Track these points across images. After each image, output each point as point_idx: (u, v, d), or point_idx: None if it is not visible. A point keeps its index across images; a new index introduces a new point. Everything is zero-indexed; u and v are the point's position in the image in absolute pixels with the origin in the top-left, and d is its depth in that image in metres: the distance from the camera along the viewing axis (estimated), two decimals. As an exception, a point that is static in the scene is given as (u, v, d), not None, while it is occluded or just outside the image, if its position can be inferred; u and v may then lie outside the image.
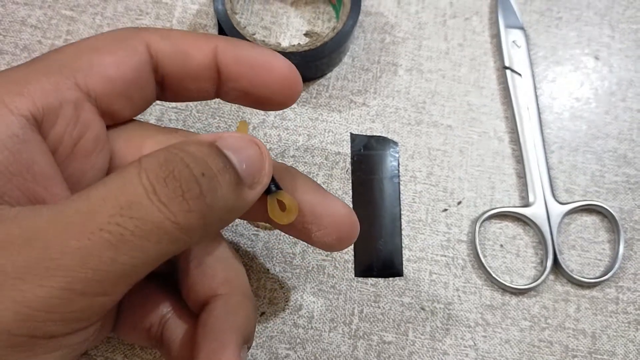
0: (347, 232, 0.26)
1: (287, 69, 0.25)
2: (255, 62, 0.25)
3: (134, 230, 0.19)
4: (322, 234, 0.25)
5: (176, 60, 0.25)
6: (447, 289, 0.34)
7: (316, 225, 0.25)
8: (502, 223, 0.35)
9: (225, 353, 0.22)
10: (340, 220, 0.25)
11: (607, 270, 0.35)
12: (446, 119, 0.37)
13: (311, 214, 0.25)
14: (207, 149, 0.21)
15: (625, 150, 0.37)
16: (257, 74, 0.25)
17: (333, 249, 0.27)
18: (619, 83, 0.39)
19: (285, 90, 0.25)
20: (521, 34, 0.38)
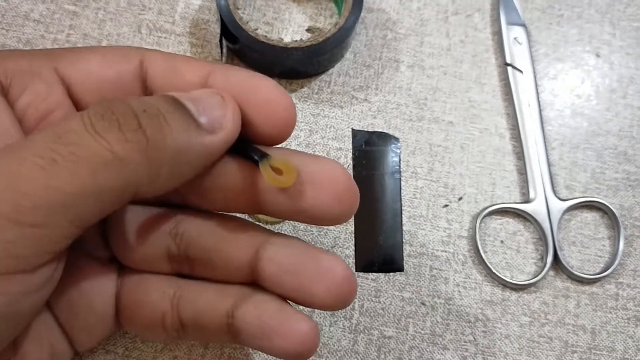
0: (345, 190, 0.23)
1: (276, 93, 0.23)
2: (243, 83, 0.23)
3: (66, 155, 0.18)
4: (318, 193, 0.22)
5: (166, 75, 0.24)
6: (448, 284, 0.34)
7: (310, 185, 0.22)
8: (502, 219, 0.35)
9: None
10: (336, 176, 0.22)
11: (607, 266, 0.35)
12: (447, 115, 0.37)
13: (304, 172, 0.22)
14: (159, 96, 0.21)
15: (625, 147, 0.37)
16: (243, 94, 0.23)
17: (333, 215, 0.23)
18: (620, 80, 0.39)
19: (274, 115, 0.23)
20: (523, 31, 0.38)
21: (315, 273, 0.23)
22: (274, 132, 0.23)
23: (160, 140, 0.20)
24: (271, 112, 0.23)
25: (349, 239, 0.34)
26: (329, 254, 0.23)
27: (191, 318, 0.24)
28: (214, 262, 0.24)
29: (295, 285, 0.23)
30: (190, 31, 0.37)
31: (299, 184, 0.22)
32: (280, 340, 0.23)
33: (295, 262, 0.23)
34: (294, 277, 0.23)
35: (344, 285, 0.23)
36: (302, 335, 0.23)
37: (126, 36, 0.37)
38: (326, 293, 0.23)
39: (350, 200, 0.23)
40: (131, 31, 0.37)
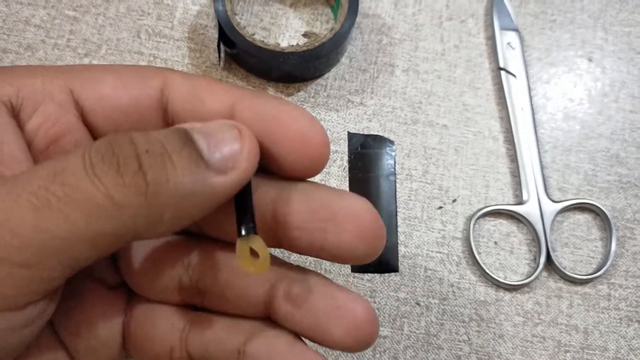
0: (370, 229, 0.21)
1: (309, 126, 0.21)
2: (273, 113, 0.21)
3: (61, 197, 0.17)
4: (341, 230, 0.21)
5: (189, 103, 0.23)
6: (442, 284, 0.34)
7: (332, 223, 0.21)
8: (496, 220, 0.36)
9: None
10: (361, 214, 0.21)
11: (599, 267, 0.35)
12: (442, 119, 0.38)
13: (325, 208, 0.21)
14: (168, 131, 0.19)
15: (617, 150, 0.38)
16: (272, 126, 0.21)
17: (357, 254, 0.21)
18: (612, 84, 0.39)
19: (306, 151, 0.21)
20: (516, 35, 0.39)
21: (333, 313, 0.21)
22: (304, 168, 0.21)
23: (162, 183, 0.18)
24: (303, 147, 0.21)
25: (344, 241, 0.35)
26: (349, 292, 0.22)
27: (200, 353, 0.23)
28: (226, 296, 0.23)
29: (311, 325, 0.22)
30: (188, 36, 0.38)
31: (319, 220, 0.21)
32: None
33: (312, 301, 0.22)
34: (311, 317, 0.22)
35: (363, 327, 0.21)
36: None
37: (125, 41, 0.37)
38: (344, 335, 0.21)
39: (376, 240, 0.21)
40: (130, 36, 0.37)
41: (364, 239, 0.21)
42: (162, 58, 0.37)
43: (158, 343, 0.24)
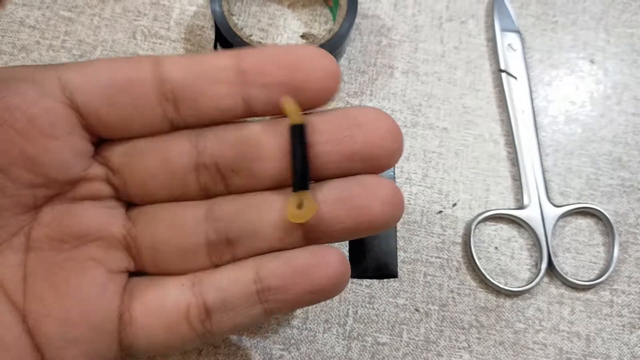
0: (391, 123, 0.23)
1: (316, 50, 0.23)
2: (281, 51, 0.23)
3: None
4: (367, 130, 0.23)
5: (187, 66, 0.23)
6: (442, 290, 0.34)
7: (357, 127, 0.23)
8: (497, 225, 0.35)
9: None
10: (378, 114, 0.23)
11: (601, 273, 0.35)
12: (442, 122, 0.37)
13: (347, 117, 0.23)
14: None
15: (620, 153, 0.37)
16: (286, 61, 0.23)
17: (387, 150, 0.23)
18: (614, 87, 0.39)
19: (318, 79, 0.23)
20: (517, 37, 0.38)
21: (365, 193, 0.23)
22: (324, 92, 0.23)
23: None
24: (320, 75, 0.23)
25: (343, 245, 0.34)
26: (372, 176, 0.24)
27: (218, 299, 0.24)
28: (260, 231, 0.24)
29: (349, 211, 0.23)
30: (185, 37, 0.37)
31: (347, 128, 0.23)
32: (319, 271, 0.23)
33: (340, 193, 0.24)
34: (346, 205, 0.23)
35: (396, 197, 0.23)
36: (336, 262, 0.23)
37: (121, 42, 0.37)
38: (380, 206, 0.23)
39: (399, 135, 0.24)
40: (126, 37, 0.37)
41: (390, 133, 0.23)
42: (158, 59, 0.37)
43: (171, 307, 0.24)
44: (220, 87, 0.23)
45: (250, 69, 0.23)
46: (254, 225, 0.24)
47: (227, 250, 0.24)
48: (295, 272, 0.23)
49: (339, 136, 0.23)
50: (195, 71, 0.23)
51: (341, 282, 0.24)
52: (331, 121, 0.24)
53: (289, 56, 0.23)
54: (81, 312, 0.23)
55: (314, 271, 0.23)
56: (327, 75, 0.23)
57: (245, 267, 0.24)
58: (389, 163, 0.24)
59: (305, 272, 0.23)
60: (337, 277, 0.23)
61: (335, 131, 0.23)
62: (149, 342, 0.24)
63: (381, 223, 0.24)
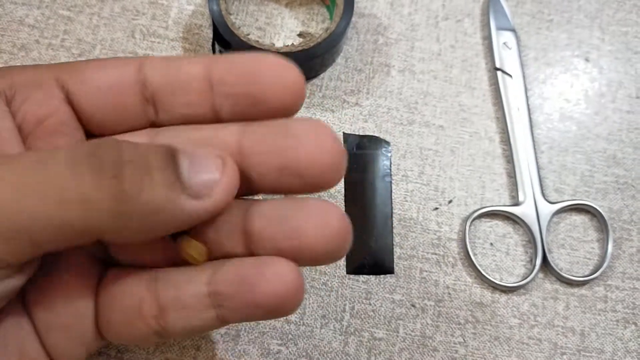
0: (331, 141, 0.22)
1: (282, 69, 0.23)
2: (247, 64, 0.23)
3: (41, 181, 0.19)
4: (306, 144, 0.22)
5: (165, 71, 0.24)
6: (438, 286, 0.34)
7: (295, 138, 0.22)
8: (492, 222, 0.36)
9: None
10: (320, 129, 0.22)
11: (595, 268, 0.35)
12: (438, 119, 0.37)
13: (290, 128, 0.22)
14: (157, 147, 0.20)
15: (614, 150, 0.38)
16: (248, 72, 0.23)
17: (324, 167, 0.22)
18: (609, 84, 0.39)
19: (282, 90, 0.23)
20: (512, 35, 0.39)
21: (305, 216, 0.22)
22: (284, 105, 0.23)
23: (135, 194, 0.19)
24: (279, 88, 0.23)
25: (340, 242, 0.34)
26: (317, 198, 0.22)
27: (170, 297, 0.23)
28: (205, 233, 0.23)
29: (286, 233, 0.22)
30: (183, 36, 0.38)
31: (288, 137, 0.22)
32: (260, 285, 0.21)
33: (284, 211, 0.22)
34: (284, 225, 0.22)
35: (338, 223, 0.22)
36: (287, 273, 0.21)
37: (120, 41, 0.37)
38: (319, 233, 0.21)
39: (335, 154, 0.22)
40: (125, 36, 0.37)
41: (326, 151, 0.22)
42: (157, 58, 0.37)
43: (126, 299, 0.24)
44: (191, 95, 0.24)
45: (218, 79, 0.23)
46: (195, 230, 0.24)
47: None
48: (240, 281, 0.22)
49: (276, 147, 0.22)
50: (171, 77, 0.24)
51: (290, 301, 0.22)
52: (271, 130, 0.23)
53: (248, 67, 0.23)
54: (64, 299, 0.24)
55: (258, 284, 0.21)
56: (287, 90, 0.23)
57: (204, 268, 0.23)
58: (327, 182, 0.23)
59: (249, 283, 0.22)
60: (282, 295, 0.21)
61: (275, 141, 0.22)
62: (111, 333, 0.24)
63: (314, 252, 0.22)
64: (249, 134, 0.23)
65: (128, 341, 0.25)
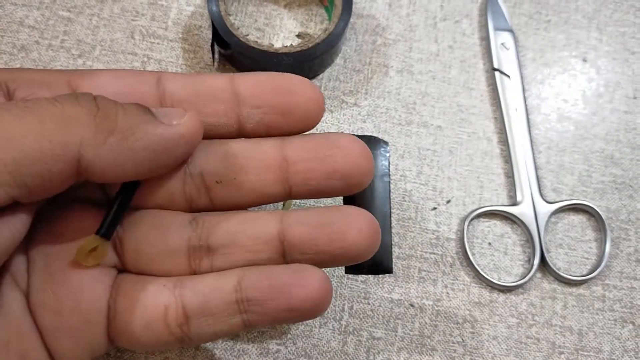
0: (365, 149, 0.26)
1: (302, 79, 0.25)
2: (271, 77, 0.25)
3: (22, 107, 0.20)
4: (346, 152, 0.25)
5: (187, 83, 0.25)
6: (436, 286, 0.34)
7: (338, 149, 0.25)
8: (490, 221, 0.36)
9: None
10: (355, 142, 0.25)
11: (593, 268, 0.35)
12: (436, 120, 0.38)
13: (327, 141, 0.25)
14: (130, 103, 0.23)
15: (612, 150, 0.38)
16: (276, 85, 0.25)
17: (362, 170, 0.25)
18: (607, 85, 0.39)
19: (299, 108, 0.25)
20: (510, 36, 0.39)
21: (343, 221, 0.25)
22: (310, 116, 0.25)
23: (112, 115, 0.21)
24: (304, 100, 0.25)
25: (338, 242, 0.34)
26: (349, 206, 0.26)
27: (197, 304, 0.24)
28: (240, 242, 0.25)
29: (328, 237, 0.24)
30: (182, 37, 0.38)
31: (329, 149, 0.25)
32: (296, 290, 0.23)
33: (325, 219, 0.25)
34: (325, 229, 0.24)
35: (372, 226, 0.25)
36: (319, 279, 0.24)
37: (119, 42, 0.37)
38: (358, 235, 0.24)
39: (370, 158, 0.26)
40: (124, 37, 0.37)
41: (364, 155, 0.25)
42: (156, 59, 0.37)
43: (150, 306, 0.24)
44: (217, 104, 0.25)
45: (245, 91, 0.25)
46: (234, 235, 0.25)
47: (206, 258, 0.25)
48: (274, 287, 0.24)
49: (322, 155, 0.25)
50: (195, 88, 0.25)
51: (320, 305, 0.24)
52: (315, 142, 0.25)
53: (280, 82, 0.25)
54: (73, 303, 0.24)
55: (292, 290, 0.24)
56: (314, 102, 0.25)
57: (228, 276, 0.24)
58: (363, 181, 0.26)
59: (283, 289, 0.24)
60: (315, 299, 0.24)
61: (318, 151, 0.25)
62: (127, 339, 0.24)
63: (355, 252, 0.25)
64: (292, 146, 0.25)
65: (147, 347, 0.25)
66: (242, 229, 0.25)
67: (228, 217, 0.26)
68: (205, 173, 0.25)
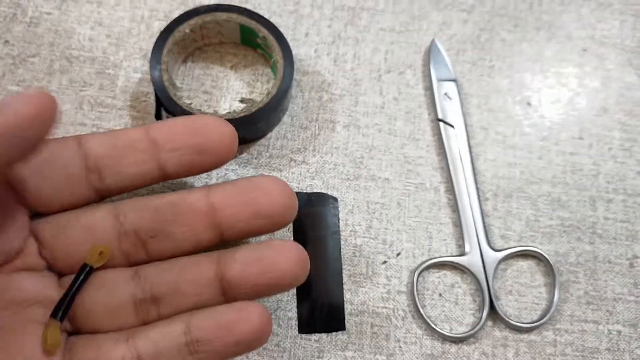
0: (286, 187, 0.29)
1: (214, 118, 0.29)
2: (185, 121, 0.29)
3: None
4: (268, 192, 0.29)
5: (106, 141, 0.28)
6: (389, 340, 0.35)
7: (261, 190, 0.29)
8: (440, 272, 0.36)
9: None
10: (276, 181, 0.29)
11: (544, 313, 0.36)
12: (383, 172, 0.38)
13: (251, 184, 0.29)
14: None
15: (559, 193, 0.38)
16: (190, 128, 0.28)
17: (285, 205, 0.29)
18: (551, 127, 0.40)
19: (220, 133, 0.28)
20: (453, 85, 0.40)
21: (273, 254, 0.28)
22: (224, 152, 0.29)
23: None
24: (218, 137, 0.29)
25: (291, 301, 0.35)
26: (278, 239, 0.30)
27: (151, 352, 0.27)
28: (182, 289, 0.28)
29: (261, 270, 0.28)
30: (130, 104, 0.38)
31: (252, 191, 0.29)
32: (240, 326, 0.27)
33: (256, 254, 0.28)
34: (257, 265, 0.28)
35: (300, 255, 0.29)
36: (259, 312, 0.27)
37: (68, 114, 0.38)
38: (287, 264, 0.28)
39: (292, 197, 0.30)
40: (73, 108, 0.38)
41: (286, 194, 0.29)
42: (105, 128, 0.38)
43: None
44: (136, 154, 0.28)
45: (160, 137, 0.28)
46: (176, 283, 0.28)
47: (153, 308, 0.28)
48: (220, 326, 0.27)
49: (246, 199, 0.29)
50: (112, 144, 0.28)
51: (263, 335, 0.28)
52: (238, 187, 0.29)
53: (193, 124, 0.28)
54: None
55: (237, 326, 0.27)
56: (226, 139, 0.29)
57: (176, 322, 0.27)
58: (286, 218, 0.29)
59: (229, 327, 0.27)
60: (259, 330, 0.27)
61: (242, 195, 0.29)
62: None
63: (287, 280, 0.28)
64: (217, 194, 0.29)
65: None
66: (183, 277, 0.28)
67: (168, 267, 0.28)
68: (139, 229, 0.28)
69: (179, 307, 0.28)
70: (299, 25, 0.41)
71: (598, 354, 0.35)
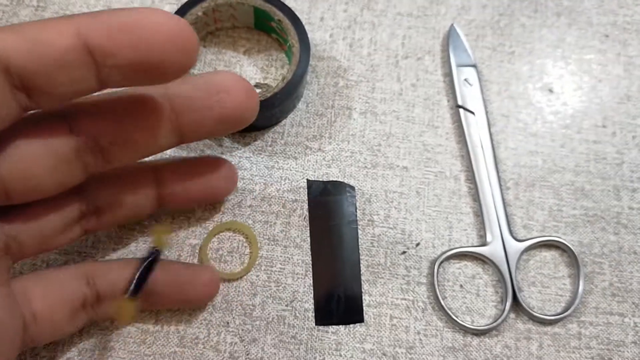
0: (247, 85, 0.28)
1: (169, 20, 0.22)
2: (128, 24, 0.22)
3: None
4: (233, 94, 0.27)
5: (31, 53, 0.21)
6: (408, 332, 0.34)
7: (225, 93, 0.27)
8: (461, 263, 0.35)
9: None
10: (237, 79, 0.28)
11: (568, 305, 0.34)
12: (402, 161, 0.37)
13: (212, 84, 0.27)
14: None
15: (582, 182, 0.37)
16: (134, 36, 0.22)
17: (243, 108, 0.28)
18: (574, 115, 0.39)
19: (175, 44, 0.22)
20: (473, 71, 0.39)
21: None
22: (179, 65, 0.23)
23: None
24: (172, 48, 0.22)
25: (307, 292, 0.34)
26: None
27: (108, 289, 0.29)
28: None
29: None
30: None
31: (216, 93, 0.27)
32: (199, 286, 0.31)
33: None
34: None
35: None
36: (210, 278, 0.31)
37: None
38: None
39: (254, 98, 0.28)
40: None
41: (250, 96, 0.28)
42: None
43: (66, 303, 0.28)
44: (71, 72, 0.22)
45: (97, 48, 0.22)
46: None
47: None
48: (178, 282, 0.31)
49: (210, 103, 0.27)
50: (40, 56, 0.22)
51: (215, 291, 0.33)
52: (199, 89, 0.27)
53: (135, 27, 0.22)
54: None
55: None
56: (181, 48, 0.22)
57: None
58: (250, 119, 0.28)
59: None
60: (212, 288, 0.32)
61: (206, 98, 0.27)
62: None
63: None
64: (179, 98, 0.27)
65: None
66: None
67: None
68: (100, 137, 0.26)
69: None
70: (314, 9, 0.40)
71: (624, 347, 0.34)
